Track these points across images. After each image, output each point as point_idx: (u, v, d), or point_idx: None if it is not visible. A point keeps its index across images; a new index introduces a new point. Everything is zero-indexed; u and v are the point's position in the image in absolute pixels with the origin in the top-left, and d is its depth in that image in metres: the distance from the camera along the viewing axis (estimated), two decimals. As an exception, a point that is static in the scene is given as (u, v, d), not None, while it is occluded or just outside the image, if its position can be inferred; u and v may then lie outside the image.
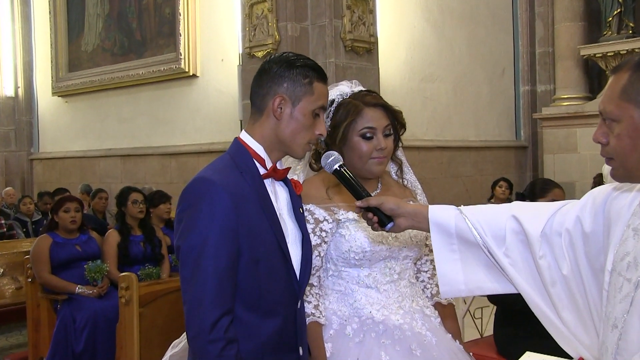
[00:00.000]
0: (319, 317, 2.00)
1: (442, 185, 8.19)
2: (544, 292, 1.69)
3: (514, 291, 1.74)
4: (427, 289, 2.23)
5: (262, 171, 1.76)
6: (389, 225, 1.77)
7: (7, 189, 9.04)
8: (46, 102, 10.49)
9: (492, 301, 3.29)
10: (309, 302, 2.00)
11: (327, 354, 1.99)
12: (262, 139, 1.77)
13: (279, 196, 1.82)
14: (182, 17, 8.09)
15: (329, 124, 2.13)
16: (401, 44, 7.82)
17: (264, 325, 1.72)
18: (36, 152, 10.82)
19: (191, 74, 8.10)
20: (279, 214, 1.77)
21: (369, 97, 2.12)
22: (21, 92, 10.82)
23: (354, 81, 2.23)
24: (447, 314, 2.21)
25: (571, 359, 1.69)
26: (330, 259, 2.10)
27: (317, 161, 2.20)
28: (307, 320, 1.97)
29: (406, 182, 2.29)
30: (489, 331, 4.05)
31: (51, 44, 10.13)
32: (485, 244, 1.71)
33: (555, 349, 1.73)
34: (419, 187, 2.33)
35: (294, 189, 1.86)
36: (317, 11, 6.32)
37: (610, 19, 8.28)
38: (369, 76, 6.53)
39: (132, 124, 9.03)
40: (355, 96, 2.13)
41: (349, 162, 2.11)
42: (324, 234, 2.05)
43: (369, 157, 2.08)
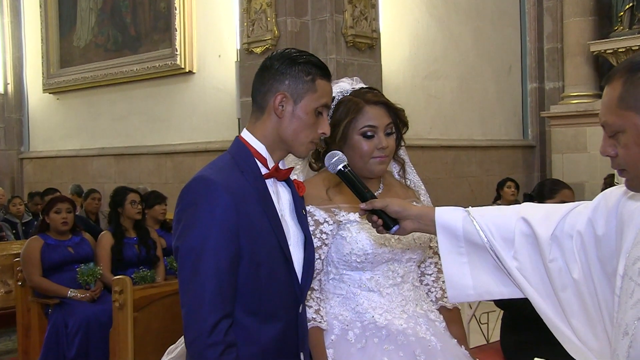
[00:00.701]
0: (320, 322, 2.01)
1: (446, 185, 8.20)
2: (553, 297, 1.68)
3: (523, 296, 1.74)
4: (432, 292, 2.24)
5: (263, 171, 1.77)
6: (394, 228, 1.77)
7: (-4, 189, 9.04)
8: (37, 99, 10.49)
9: (499, 306, 3.29)
10: (310, 307, 2.01)
11: (329, 360, 2.00)
12: (263, 138, 1.78)
13: (281, 197, 1.82)
14: (177, 12, 8.09)
15: (329, 121, 2.14)
16: (404, 39, 7.82)
17: (265, 330, 1.72)
18: (26, 151, 10.82)
19: (187, 71, 8.10)
20: (280, 215, 1.77)
21: (370, 95, 2.12)
22: (11, 88, 10.83)
23: (355, 78, 2.23)
24: (453, 318, 2.21)
25: None
26: (331, 261, 2.10)
27: (317, 161, 2.21)
28: (308, 325, 1.97)
29: (409, 183, 2.29)
30: (496, 337, 4.05)
31: (42, 39, 10.12)
32: (492, 246, 1.71)
33: (564, 356, 1.73)
34: (423, 187, 2.34)
35: (296, 190, 1.87)
36: (317, 6, 6.33)
37: (621, 13, 8.28)
38: (371, 73, 6.53)
39: (126, 122, 9.03)
40: (355, 93, 2.14)
41: (350, 161, 2.11)
42: (324, 236, 2.06)
43: (370, 157, 2.08)
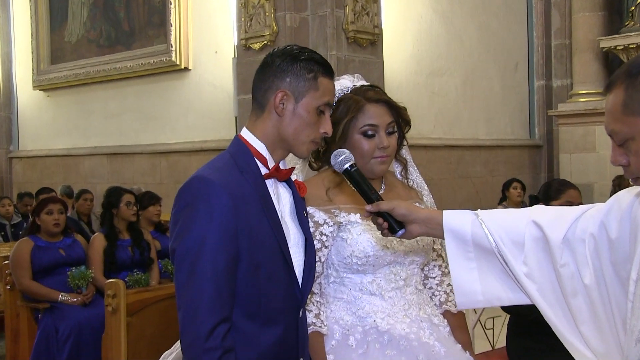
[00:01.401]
0: (320, 327, 2.01)
1: (450, 186, 8.20)
2: (562, 304, 1.68)
3: (532, 303, 1.74)
4: (435, 296, 2.24)
5: (264, 171, 1.77)
6: (400, 232, 1.78)
7: (-15, 189, 9.06)
8: (26, 96, 10.49)
9: (506, 310, 3.29)
10: (310, 311, 2.01)
11: (329, 366, 2.00)
12: (264, 137, 1.78)
13: (282, 198, 1.83)
14: (173, 7, 8.09)
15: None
16: (407, 35, 7.83)
17: (264, 334, 1.73)
18: (16, 150, 10.83)
19: (183, 67, 8.10)
20: (280, 216, 1.78)
21: (371, 93, 2.13)
22: (-1, 85, 10.84)
23: (357, 75, 2.24)
24: (457, 323, 2.21)
25: None
26: (331, 264, 2.10)
27: (316, 160, 2.21)
28: (308, 330, 1.97)
29: (412, 183, 2.30)
30: (502, 343, 4.06)
31: (32, 34, 10.12)
32: (500, 251, 1.70)
33: (572, 362, 1.73)
34: (426, 188, 2.34)
35: (297, 191, 1.87)
36: (317, 0, 6.33)
37: (632, 8, 8.29)
38: (372, 70, 6.54)
39: (120, 120, 9.03)
40: (356, 91, 2.14)
41: (350, 161, 2.13)
42: (324, 238, 2.06)
43: (370, 157, 2.09)
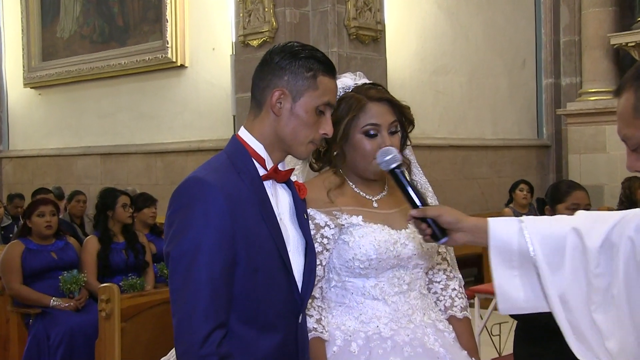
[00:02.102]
0: (321, 333, 2.01)
1: (455, 188, 8.20)
2: (589, 317, 1.68)
3: None
4: (440, 301, 2.25)
5: (262, 172, 1.77)
6: (443, 240, 1.78)
7: (-26, 191, 9.07)
8: (17, 94, 10.50)
9: (513, 316, 3.30)
10: (311, 316, 2.01)
11: (331, 373, 2.01)
12: (261, 137, 1.78)
13: (281, 200, 1.83)
14: (169, 2, 8.10)
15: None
16: (411, 32, 7.83)
17: (262, 340, 1.73)
18: (5, 150, 10.83)
19: (179, 65, 8.11)
20: (279, 219, 1.78)
21: (373, 91, 2.13)
22: (-11, 83, 10.85)
23: (359, 73, 2.24)
24: (463, 329, 2.21)
25: None
26: (332, 268, 2.11)
27: (317, 161, 2.22)
28: (309, 336, 1.97)
29: (415, 184, 2.30)
30: (509, 349, 4.06)
31: (22, 30, 10.13)
32: (536, 261, 1.70)
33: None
34: (430, 189, 2.34)
35: (297, 193, 1.87)
36: (318, -5, 6.35)
37: (644, 3, 8.30)
38: (375, 67, 6.54)
39: (113, 119, 9.04)
40: (358, 90, 2.15)
41: (351, 162, 2.13)
42: (325, 241, 2.06)
43: (372, 157, 2.09)
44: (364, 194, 2.16)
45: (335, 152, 2.14)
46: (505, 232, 1.76)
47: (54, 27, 9.81)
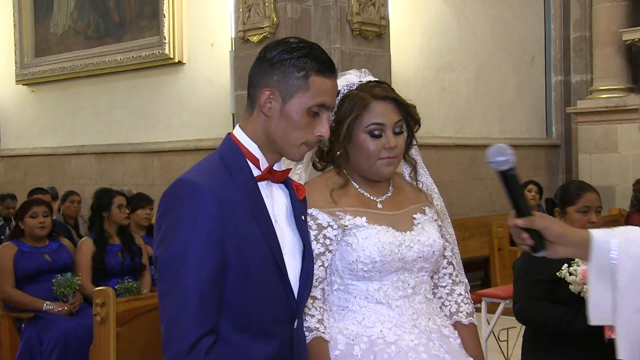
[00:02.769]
0: (323, 333, 2.02)
1: (461, 188, 8.20)
2: None
3: None
4: (446, 306, 2.25)
5: (256, 173, 1.77)
6: (543, 252, 1.76)
7: (-36, 191, 9.06)
8: (9, 91, 10.51)
9: (521, 321, 3.30)
10: (312, 316, 2.02)
11: (332, 377, 2.01)
12: (254, 137, 1.78)
13: (277, 201, 1.82)
14: (166, -4, 8.11)
15: (333, 118, 2.15)
16: (416, 27, 7.83)
17: (256, 347, 1.72)
18: (-3, 149, 10.85)
19: (176, 61, 8.11)
20: (274, 221, 1.78)
21: (378, 89, 2.13)
22: (-20, 80, 10.85)
23: (364, 70, 2.24)
24: (469, 335, 2.22)
25: None
26: (335, 270, 2.11)
27: (321, 160, 2.22)
28: (310, 336, 1.99)
29: (421, 185, 2.30)
30: (516, 356, 4.06)
31: (14, 25, 10.13)
32: (613, 275, 1.72)
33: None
34: (436, 190, 2.35)
35: (295, 193, 1.87)
36: (320, -11, 6.35)
37: (657, -2, 8.29)
38: (378, 64, 6.55)
39: (109, 117, 9.05)
40: (362, 87, 2.15)
41: (355, 162, 2.13)
42: (328, 242, 2.07)
43: (376, 158, 2.10)
44: (368, 195, 2.16)
45: (338, 152, 2.15)
46: (605, 244, 1.75)
47: (47, 22, 9.81)
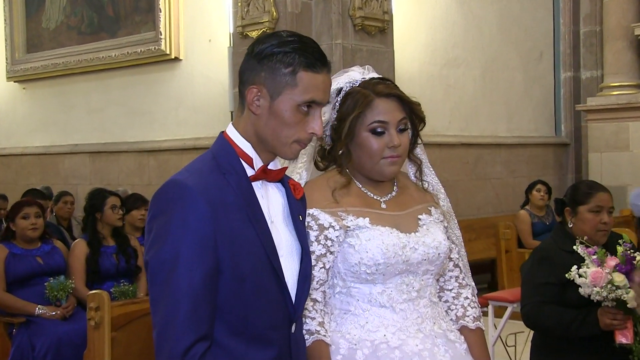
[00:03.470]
0: (324, 336, 2.02)
1: (467, 188, 8.20)
2: None
3: None
4: (452, 310, 2.25)
5: (250, 172, 1.77)
6: None
7: (-46, 191, 9.06)
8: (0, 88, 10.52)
9: (529, 325, 3.30)
10: (313, 319, 2.02)
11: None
12: (247, 135, 1.78)
13: (273, 201, 1.82)
14: (162, -10, 8.11)
15: (335, 115, 2.16)
16: (420, 22, 7.83)
17: (252, 353, 1.72)
18: (-12, 148, 10.86)
19: (173, 57, 8.12)
20: (270, 222, 1.77)
21: (381, 86, 2.14)
22: (-30, 77, 10.85)
23: (367, 67, 2.25)
24: (475, 340, 2.22)
25: None
26: (337, 273, 2.11)
27: (323, 159, 2.22)
28: (311, 339, 1.99)
29: (427, 185, 2.31)
30: (524, 361, 4.06)
31: (5, 20, 10.14)
32: None
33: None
34: (442, 191, 2.35)
35: (292, 193, 1.86)
36: (321, -17, 6.35)
37: (670, -9, 8.29)
38: (381, 60, 6.55)
39: (103, 115, 9.05)
40: (365, 84, 2.15)
41: (358, 161, 2.14)
42: (329, 243, 2.07)
43: (380, 157, 2.10)
44: (372, 194, 2.17)
45: (340, 151, 2.15)
46: None
47: (39, 17, 9.81)
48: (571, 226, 3.28)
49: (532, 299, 3.19)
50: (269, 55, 1.73)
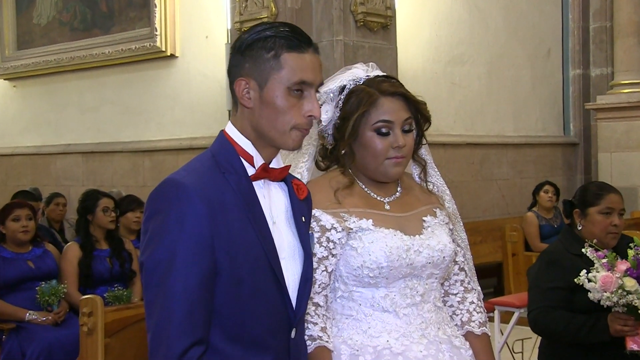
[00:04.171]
0: (327, 342, 2.02)
1: (472, 190, 8.21)
2: None
3: None
4: (457, 315, 2.25)
5: (250, 171, 1.77)
6: None
7: (-57, 193, 9.07)
8: (-10, 87, 10.52)
9: (536, 332, 3.30)
10: (315, 324, 2.02)
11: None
12: (245, 133, 1.78)
13: (275, 201, 1.82)
14: (157, -16, 8.11)
15: (338, 114, 2.16)
16: (424, 18, 7.83)
17: (249, 358, 1.72)
18: (-23, 148, 10.85)
19: (169, 54, 8.12)
20: (272, 222, 1.77)
21: (386, 84, 2.14)
22: (-41, 74, 10.85)
23: (371, 64, 2.25)
24: (481, 346, 2.22)
25: None
26: (339, 276, 2.11)
27: (324, 159, 2.22)
28: (312, 345, 1.99)
29: (431, 186, 2.31)
30: (531, 369, 4.06)
31: (-4, 16, 10.15)
32: None
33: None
34: (448, 192, 2.35)
35: (295, 193, 1.86)
36: (322, -23, 6.35)
37: (682, -14, 8.29)
38: (384, 57, 6.55)
39: (97, 114, 9.05)
40: (369, 82, 2.16)
41: (361, 161, 2.14)
42: (331, 245, 2.07)
43: (384, 157, 2.10)
44: (375, 195, 2.17)
45: (343, 151, 2.15)
46: None
47: (30, 12, 9.81)
48: (580, 229, 3.28)
49: (539, 304, 3.18)
50: (249, 44, 1.74)
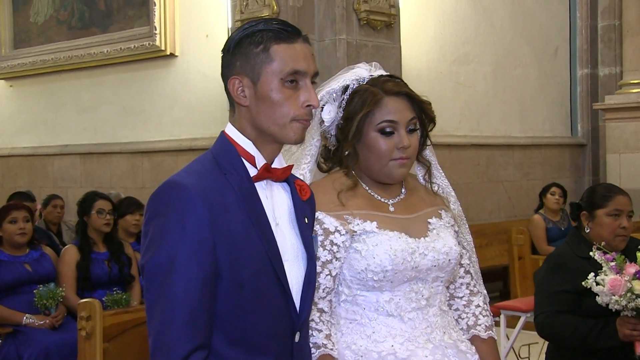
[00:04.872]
0: (331, 350, 2.02)
1: (478, 191, 8.20)
2: None
3: None
4: (462, 319, 2.26)
5: (252, 172, 1.77)
6: None
7: (-62, 194, 9.08)
8: (-14, 86, 10.53)
9: (543, 336, 3.30)
10: (320, 331, 2.03)
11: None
12: (245, 132, 1.79)
13: (278, 202, 1.82)
14: (156, -18, 8.12)
15: (341, 114, 2.16)
16: (429, 16, 7.84)
17: None
18: (-27, 148, 10.87)
19: (168, 53, 8.12)
20: (275, 224, 1.77)
21: (391, 84, 2.14)
22: (-46, 74, 10.87)
23: (374, 63, 2.25)
24: (487, 350, 2.23)
25: None
26: (342, 280, 2.12)
27: (326, 161, 2.23)
28: (317, 353, 1.99)
29: (436, 188, 2.31)
30: (538, 374, 4.06)
31: (-9, 14, 10.16)
32: None
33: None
34: (453, 194, 2.36)
35: (298, 193, 1.86)
36: (324, -25, 6.36)
37: (691, -16, 8.29)
38: (388, 57, 6.55)
39: (95, 114, 9.06)
40: (373, 82, 2.16)
41: (365, 163, 2.14)
42: (335, 248, 2.07)
43: (388, 158, 2.11)
44: (379, 197, 2.18)
45: (346, 152, 2.16)
46: None
47: (27, 10, 9.82)
48: (588, 231, 3.28)
49: (546, 308, 3.18)
50: (238, 42, 1.76)
